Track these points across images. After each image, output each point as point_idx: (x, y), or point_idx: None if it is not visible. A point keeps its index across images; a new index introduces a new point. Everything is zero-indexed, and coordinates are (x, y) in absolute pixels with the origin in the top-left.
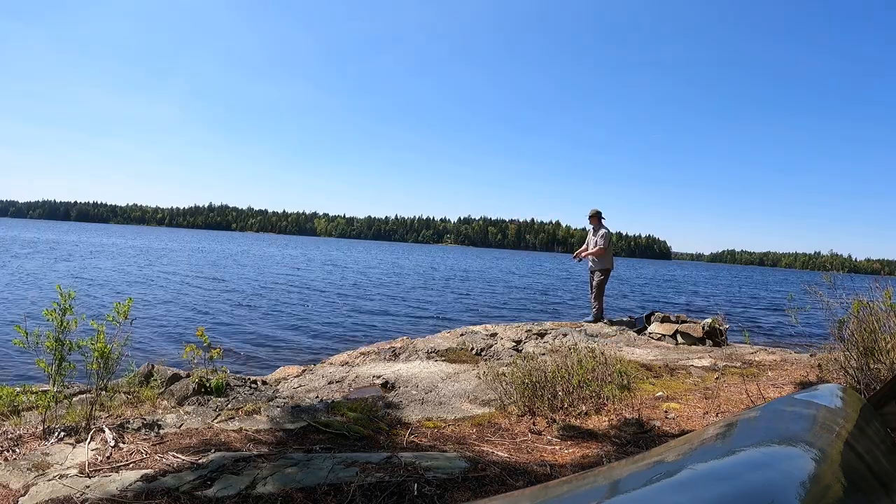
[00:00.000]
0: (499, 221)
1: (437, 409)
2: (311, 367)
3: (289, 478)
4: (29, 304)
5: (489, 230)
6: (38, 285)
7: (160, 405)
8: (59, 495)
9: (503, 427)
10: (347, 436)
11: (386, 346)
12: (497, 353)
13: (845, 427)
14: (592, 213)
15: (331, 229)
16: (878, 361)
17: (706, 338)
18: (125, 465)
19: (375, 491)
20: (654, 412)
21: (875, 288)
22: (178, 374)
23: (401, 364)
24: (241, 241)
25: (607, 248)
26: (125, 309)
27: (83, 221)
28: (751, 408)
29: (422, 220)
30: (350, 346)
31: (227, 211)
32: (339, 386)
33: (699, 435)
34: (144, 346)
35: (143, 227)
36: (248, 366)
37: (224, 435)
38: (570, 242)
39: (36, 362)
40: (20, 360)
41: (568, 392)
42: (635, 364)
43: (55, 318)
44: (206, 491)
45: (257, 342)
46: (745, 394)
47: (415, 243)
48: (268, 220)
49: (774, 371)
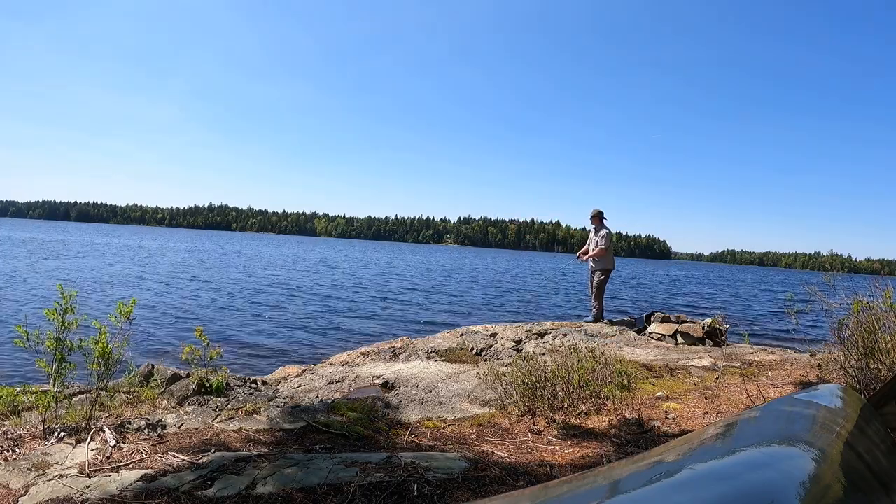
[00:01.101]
0: (499, 221)
1: (437, 409)
2: (311, 367)
3: (289, 478)
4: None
5: (489, 230)
6: (13, 283)
7: (160, 405)
8: (59, 495)
9: (503, 427)
10: (347, 436)
11: (386, 346)
12: (497, 353)
13: (845, 427)
14: (594, 213)
15: (331, 229)
16: (878, 361)
17: (706, 338)
18: (125, 465)
19: (375, 491)
20: (654, 412)
21: (875, 288)
22: (178, 374)
23: (401, 364)
24: (238, 240)
25: (608, 249)
26: (128, 310)
27: (83, 221)
28: (751, 408)
29: (422, 220)
30: (350, 346)
31: (227, 211)
32: (339, 386)
33: (699, 435)
34: (140, 345)
35: (142, 226)
36: (247, 366)
37: (224, 435)
38: (570, 242)
39: (36, 362)
40: (18, 359)
41: (568, 392)
42: (635, 364)
43: (56, 318)
44: (206, 491)
45: (257, 342)
46: (745, 394)
47: (415, 243)
48: (268, 220)
49: (774, 371)
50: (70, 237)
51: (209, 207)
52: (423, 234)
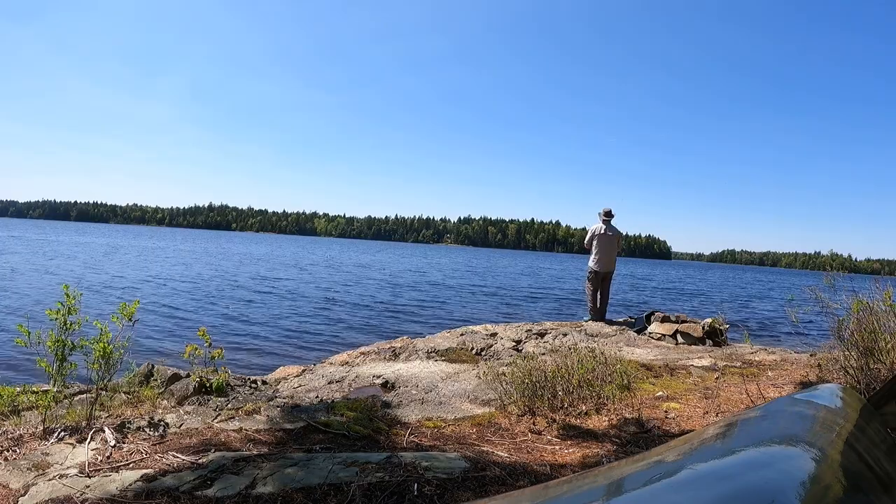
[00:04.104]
0: (499, 221)
1: (437, 408)
2: (311, 367)
3: (289, 478)
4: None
5: (489, 230)
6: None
7: (160, 405)
8: (59, 495)
9: (503, 427)
10: (347, 436)
11: (386, 345)
12: (497, 352)
13: (845, 427)
14: (603, 211)
15: (331, 229)
16: (878, 361)
17: (706, 338)
18: (125, 464)
19: (375, 491)
20: (654, 412)
21: (875, 288)
22: (178, 373)
23: (401, 364)
24: (238, 240)
25: (599, 247)
26: (131, 310)
27: (83, 221)
28: (751, 408)
29: (422, 219)
30: (350, 346)
31: (227, 211)
32: (339, 386)
33: (699, 435)
34: (140, 345)
35: (142, 226)
36: (247, 366)
37: (224, 435)
38: (570, 242)
39: (37, 361)
40: (19, 358)
41: (568, 392)
42: (635, 364)
43: (59, 318)
44: (206, 491)
45: (257, 342)
46: (745, 394)
47: (415, 243)
48: (268, 219)
49: (774, 371)
50: (56, 237)
51: (209, 207)
52: (423, 233)
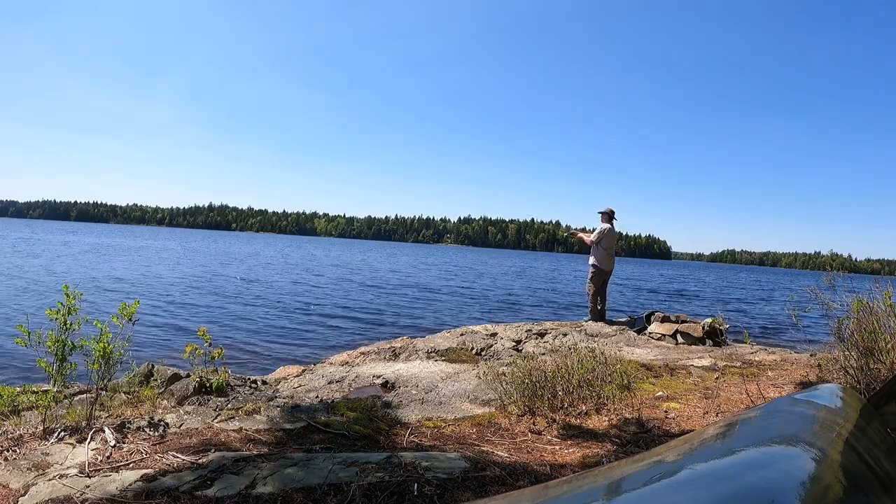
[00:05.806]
0: (499, 221)
1: (437, 408)
2: (311, 367)
3: (289, 478)
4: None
5: (489, 230)
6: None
7: (160, 405)
8: (59, 495)
9: (503, 427)
10: (347, 436)
11: (386, 345)
12: (497, 352)
13: (845, 427)
14: (609, 211)
15: (331, 229)
16: (878, 361)
17: (706, 338)
18: (125, 464)
19: (375, 491)
20: (655, 412)
21: (875, 288)
22: (178, 373)
23: (401, 364)
24: (238, 240)
25: (608, 246)
26: (131, 311)
27: (83, 221)
28: (751, 408)
29: (422, 219)
30: (350, 346)
31: (227, 211)
32: (339, 386)
33: (699, 435)
34: (139, 345)
35: (142, 226)
36: (247, 366)
37: (224, 435)
38: (570, 242)
39: (37, 361)
40: (19, 358)
41: (568, 392)
42: (635, 364)
43: (59, 318)
44: (206, 491)
45: (257, 342)
46: (745, 394)
47: (415, 243)
48: (268, 219)
49: (774, 371)
50: (44, 236)
51: (209, 207)
52: (423, 233)
